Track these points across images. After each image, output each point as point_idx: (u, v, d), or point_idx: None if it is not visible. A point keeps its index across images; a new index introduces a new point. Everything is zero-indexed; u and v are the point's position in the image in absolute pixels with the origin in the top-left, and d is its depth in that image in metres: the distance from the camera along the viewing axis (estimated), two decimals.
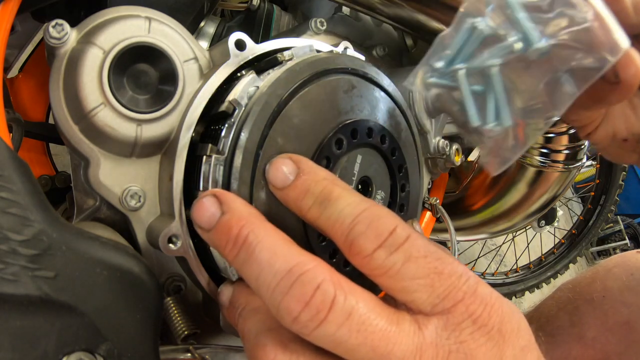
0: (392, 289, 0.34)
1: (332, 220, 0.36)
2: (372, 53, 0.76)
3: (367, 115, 0.56)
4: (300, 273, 0.33)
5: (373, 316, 0.32)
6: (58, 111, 0.46)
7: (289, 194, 0.39)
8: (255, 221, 0.36)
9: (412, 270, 0.33)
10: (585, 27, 0.27)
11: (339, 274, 0.35)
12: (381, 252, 0.34)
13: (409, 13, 0.67)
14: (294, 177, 0.39)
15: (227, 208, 0.37)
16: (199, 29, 0.73)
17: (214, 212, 0.37)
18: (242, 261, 0.35)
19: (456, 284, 0.34)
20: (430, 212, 0.83)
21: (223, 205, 0.37)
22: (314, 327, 0.31)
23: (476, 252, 1.95)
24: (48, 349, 0.34)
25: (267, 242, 0.35)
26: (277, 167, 0.40)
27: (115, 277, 0.38)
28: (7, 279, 0.33)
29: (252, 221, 0.36)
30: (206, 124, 0.51)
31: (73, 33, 0.46)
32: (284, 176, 0.39)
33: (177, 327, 0.45)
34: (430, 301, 0.34)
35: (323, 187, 0.37)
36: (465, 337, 0.33)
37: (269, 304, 0.33)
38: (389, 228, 0.34)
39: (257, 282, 0.34)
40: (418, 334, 0.33)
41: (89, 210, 0.49)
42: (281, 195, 0.40)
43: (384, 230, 0.34)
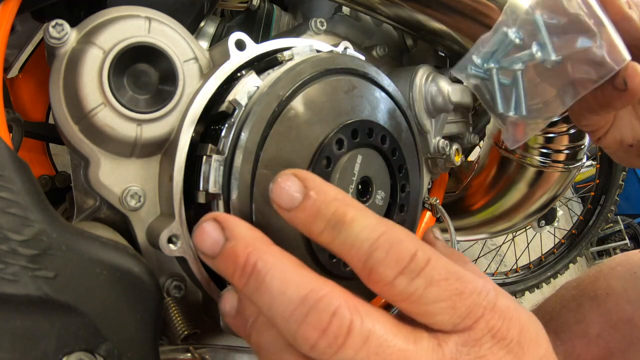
0: (414, 313, 0.34)
1: (348, 245, 0.35)
2: (372, 53, 0.76)
3: (367, 116, 0.56)
4: (315, 300, 0.32)
5: (390, 337, 0.32)
6: (58, 111, 0.46)
7: (298, 216, 0.36)
8: (262, 247, 0.35)
9: (434, 294, 0.33)
10: (593, 46, 0.34)
11: (353, 296, 0.34)
12: (402, 279, 0.33)
13: (409, 13, 0.67)
14: (302, 197, 0.36)
15: (231, 234, 0.35)
16: (199, 29, 0.73)
17: (217, 238, 0.35)
18: (253, 290, 0.34)
19: (477, 301, 0.34)
20: (430, 212, 0.83)
21: (226, 231, 0.35)
22: (332, 353, 0.31)
23: (476, 252, 1.95)
24: (48, 349, 0.34)
25: (277, 270, 0.34)
26: (282, 186, 0.36)
27: (115, 277, 0.38)
28: (7, 279, 0.33)
29: (258, 247, 0.35)
30: (206, 124, 0.51)
31: (73, 33, 0.46)
32: (290, 196, 0.36)
33: (177, 327, 0.45)
34: (452, 321, 0.34)
35: (335, 209, 0.35)
36: (485, 351, 0.33)
37: (285, 332, 0.32)
38: (410, 252, 0.33)
39: (270, 311, 0.33)
40: (437, 351, 0.33)
41: (89, 210, 0.49)
42: (289, 217, 0.37)
43: (405, 255, 0.33)
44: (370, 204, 0.56)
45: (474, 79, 0.38)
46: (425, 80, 0.74)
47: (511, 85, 0.37)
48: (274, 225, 0.49)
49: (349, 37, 0.75)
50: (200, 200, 0.48)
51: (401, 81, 0.74)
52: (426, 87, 0.74)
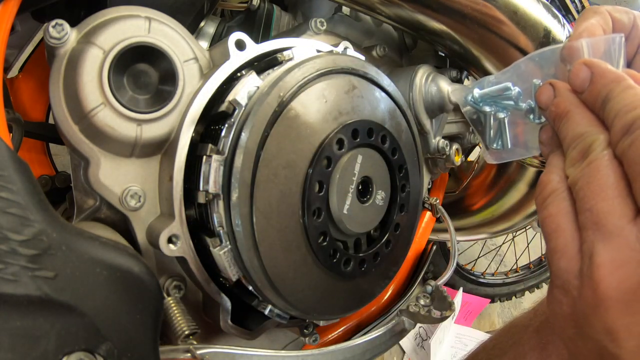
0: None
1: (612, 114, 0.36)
2: (372, 53, 0.76)
3: (367, 116, 0.56)
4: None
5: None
6: (58, 111, 0.46)
7: (586, 97, 0.40)
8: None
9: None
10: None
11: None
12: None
13: (409, 13, 0.67)
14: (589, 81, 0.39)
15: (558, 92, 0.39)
16: (199, 29, 0.73)
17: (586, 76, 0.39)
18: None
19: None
20: (430, 212, 0.83)
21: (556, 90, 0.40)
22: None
23: (476, 252, 1.95)
24: (48, 349, 0.34)
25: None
26: (576, 74, 0.40)
27: (115, 277, 0.38)
28: (7, 279, 0.33)
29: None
30: (206, 124, 0.51)
31: (73, 33, 0.46)
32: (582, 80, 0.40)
33: (177, 327, 0.45)
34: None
35: (609, 90, 0.37)
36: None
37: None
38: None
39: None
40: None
41: (89, 210, 0.49)
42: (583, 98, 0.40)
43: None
44: (370, 204, 0.56)
45: (469, 108, 0.44)
46: (425, 80, 0.74)
47: (500, 123, 0.42)
48: (274, 225, 0.49)
49: (349, 37, 0.75)
50: (200, 200, 0.48)
51: (401, 81, 0.74)
52: (426, 87, 0.74)
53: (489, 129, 0.43)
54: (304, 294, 0.53)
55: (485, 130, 0.43)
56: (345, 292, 0.58)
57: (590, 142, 0.36)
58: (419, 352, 1.65)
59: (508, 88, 0.41)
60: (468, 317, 1.84)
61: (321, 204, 0.51)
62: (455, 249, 0.78)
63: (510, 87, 0.41)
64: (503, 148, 0.44)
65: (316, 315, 0.58)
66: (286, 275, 0.51)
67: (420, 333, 1.68)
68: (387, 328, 0.64)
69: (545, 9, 0.71)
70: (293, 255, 0.50)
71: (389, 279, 0.64)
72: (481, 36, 0.69)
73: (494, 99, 0.43)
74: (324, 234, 0.52)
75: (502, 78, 0.42)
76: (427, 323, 0.71)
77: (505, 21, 0.67)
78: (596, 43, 0.40)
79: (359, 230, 0.56)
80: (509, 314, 2.02)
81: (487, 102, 0.43)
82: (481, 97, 0.43)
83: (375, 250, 0.59)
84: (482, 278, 1.85)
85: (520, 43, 0.70)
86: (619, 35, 0.40)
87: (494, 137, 0.42)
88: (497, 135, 0.43)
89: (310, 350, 0.55)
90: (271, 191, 0.48)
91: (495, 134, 0.43)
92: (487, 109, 0.42)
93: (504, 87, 0.41)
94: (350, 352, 0.58)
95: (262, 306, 0.57)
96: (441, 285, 0.67)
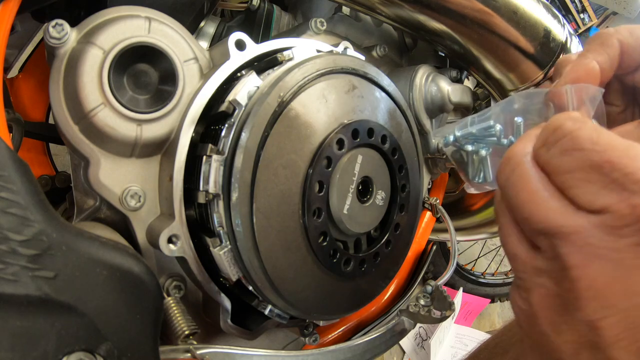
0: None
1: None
2: (372, 53, 0.76)
3: (368, 116, 0.56)
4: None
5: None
6: (58, 111, 0.46)
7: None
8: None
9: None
10: None
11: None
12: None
13: (409, 13, 0.67)
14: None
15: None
16: (199, 29, 0.73)
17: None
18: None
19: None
20: (430, 212, 0.83)
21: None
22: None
23: (476, 252, 1.95)
24: (48, 349, 0.34)
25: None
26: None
27: (115, 277, 0.38)
28: (7, 279, 0.33)
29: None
30: (206, 124, 0.51)
31: (73, 33, 0.46)
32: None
33: (177, 327, 0.45)
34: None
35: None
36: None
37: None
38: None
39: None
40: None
41: (89, 210, 0.49)
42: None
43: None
44: (370, 204, 0.56)
45: (450, 147, 0.47)
46: (425, 80, 0.74)
47: (481, 159, 0.44)
48: (274, 225, 0.49)
49: (349, 37, 0.75)
50: (200, 200, 0.48)
51: (401, 81, 0.74)
52: (426, 87, 0.74)
53: (471, 165, 0.44)
54: (304, 294, 0.53)
55: (468, 166, 0.44)
56: (345, 292, 0.58)
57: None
58: (419, 352, 1.65)
59: (490, 127, 0.42)
60: (468, 317, 1.84)
61: (321, 204, 0.51)
62: (455, 249, 0.78)
63: (492, 126, 0.42)
64: (485, 181, 0.45)
65: (316, 315, 0.58)
66: (286, 275, 0.51)
67: (420, 333, 1.68)
68: (387, 328, 0.64)
69: (545, 9, 0.71)
70: (293, 255, 0.50)
71: (389, 279, 0.64)
72: (481, 36, 0.69)
73: (475, 137, 0.44)
74: (324, 234, 0.52)
75: (482, 118, 0.43)
76: (427, 323, 0.71)
77: (505, 21, 0.67)
78: (579, 90, 0.40)
79: (359, 230, 0.56)
80: (509, 314, 2.01)
81: (469, 141, 0.44)
82: (463, 136, 0.44)
83: (375, 250, 0.59)
84: (482, 278, 1.85)
85: (520, 43, 0.70)
86: (599, 90, 0.40)
87: (476, 172, 0.44)
88: (480, 169, 0.44)
89: (310, 350, 0.55)
90: (271, 191, 0.48)
91: (476, 169, 0.44)
92: (469, 147, 0.43)
93: (486, 125, 0.42)
94: (350, 352, 0.58)
95: (262, 306, 0.57)
96: (441, 285, 0.67)
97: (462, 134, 0.44)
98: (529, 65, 0.72)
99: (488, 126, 0.42)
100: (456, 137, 0.45)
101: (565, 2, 2.96)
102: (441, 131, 0.46)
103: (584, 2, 3.00)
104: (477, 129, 0.43)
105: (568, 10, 2.98)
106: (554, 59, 0.72)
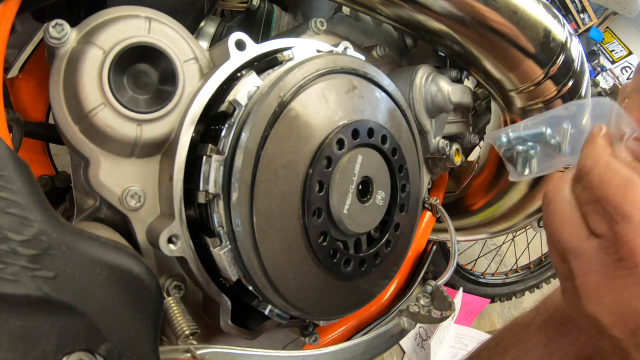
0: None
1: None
2: (372, 53, 0.76)
3: (368, 116, 0.56)
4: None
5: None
6: (58, 111, 0.46)
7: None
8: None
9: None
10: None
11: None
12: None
13: (409, 13, 0.67)
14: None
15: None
16: (199, 29, 0.73)
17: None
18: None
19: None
20: (430, 212, 0.83)
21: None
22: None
23: (476, 252, 1.95)
24: (48, 349, 0.34)
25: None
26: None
27: (115, 277, 0.38)
28: (7, 279, 0.33)
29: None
30: (206, 124, 0.51)
31: (73, 33, 0.46)
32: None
33: (177, 327, 0.45)
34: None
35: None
36: None
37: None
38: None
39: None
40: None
41: (89, 210, 0.49)
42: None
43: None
44: (370, 204, 0.56)
45: (504, 146, 0.53)
46: (425, 80, 0.74)
47: (529, 156, 0.51)
48: (274, 225, 0.49)
49: (349, 37, 0.74)
50: (200, 200, 0.48)
51: (401, 81, 0.74)
52: (426, 87, 0.74)
53: (520, 162, 0.51)
54: (304, 294, 0.53)
55: (517, 162, 0.51)
56: (346, 292, 0.58)
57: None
58: (419, 352, 1.64)
59: (542, 133, 0.49)
60: (468, 317, 1.84)
61: (321, 204, 0.51)
62: (455, 249, 0.78)
63: (543, 132, 0.49)
64: (530, 173, 0.52)
65: (316, 315, 0.58)
66: (286, 275, 0.51)
67: (420, 333, 1.68)
68: (387, 328, 0.64)
69: (545, 9, 0.71)
70: (293, 255, 0.50)
71: (389, 279, 0.64)
72: (481, 36, 0.69)
73: (526, 139, 0.50)
74: (324, 234, 0.52)
75: (535, 122, 0.50)
76: (427, 323, 0.71)
77: (505, 21, 0.67)
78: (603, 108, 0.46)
79: (359, 230, 0.56)
80: (509, 314, 2.01)
81: (520, 142, 0.51)
82: (515, 138, 0.51)
83: (375, 250, 0.59)
84: (482, 278, 1.85)
85: (520, 43, 0.70)
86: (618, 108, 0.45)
87: (522, 166, 0.50)
88: (526, 164, 0.50)
89: (310, 350, 0.55)
90: (271, 191, 0.48)
91: (524, 164, 0.51)
92: (520, 147, 0.50)
93: (539, 132, 0.49)
94: (350, 352, 0.58)
95: (262, 306, 0.57)
96: (441, 285, 0.67)
97: (515, 136, 0.50)
98: (530, 65, 0.72)
99: (540, 132, 0.48)
100: (509, 138, 0.51)
101: (565, 2, 2.96)
102: (495, 133, 0.52)
103: (584, 2, 3.00)
104: (530, 133, 0.49)
105: (568, 10, 2.98)
106: (554, 59, 0.72)
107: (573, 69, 0.74)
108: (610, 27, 3.40)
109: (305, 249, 0.51)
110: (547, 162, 0.50)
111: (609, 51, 3.44)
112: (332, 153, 0.51)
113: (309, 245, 0.51)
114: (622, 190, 0.36)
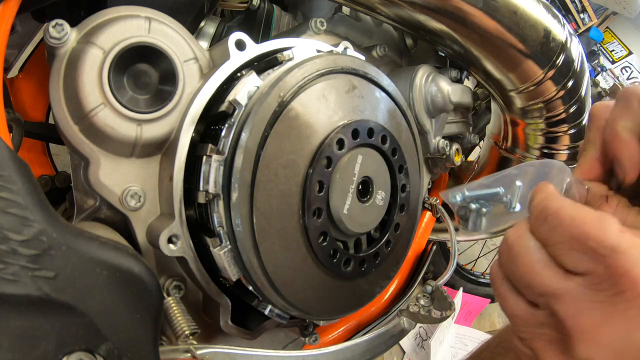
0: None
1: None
2: (372, 53, 0.76)
3: (368, 116, 0.56)
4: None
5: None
6: (58, 111, 0.46)
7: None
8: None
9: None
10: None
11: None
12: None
13: (409, 13, 0.67)
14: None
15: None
16: (199, 29, 0.73)
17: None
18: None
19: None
20: (430, 212, 0.83)
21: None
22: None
23: (476, 252, 1.95)
24: (48, 349, 0.34)
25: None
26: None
27: (115, 277, 0.38)
28: (7, 279, 0.33)
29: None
30: (206, 124, 0.51)
31: (73, 33, 0.46)
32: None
33: (177, 327, 0.45)
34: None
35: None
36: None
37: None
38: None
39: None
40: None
41: (89, 210, 0.49)
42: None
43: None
44: (370, 204, 0.56)
45: (458, 204, 0.55)
46: (425, 80, 0.74)
47: (480, 214, 0.53)
48: (274, 225, 0.49)
49: (349, 37, 0.74)
50: (200, 200, 0.48)
51: (401, 81, 0.74)
52: (426, 87, 0.74)
53: (472, 219, 0.53)
54: (304, 294, 0.53)
55: (469, 220, 0.53)
56: (345, 292, 0.58)
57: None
58: (419, 352, 1.64)
59: (497, 193, 0.51)
60: (468, 317, 1.84)
61: (321, 204, 0.51)
62: (455, 249, 0.78)
63: (499, 193, 0.51)
64: (480, 231, 0.54)
65: (316, 315, 0.58)
66: (286, 275, 0.51)
67: (420, 333, 1.68)
68: (387, 328, 0.64)
69: (545, 9, 0.71)
70: (293, 255, 0.51)
71: (389, 279, 0.64)
72: (481, 36, 0.69)
73: (481, 198, 0.53)
74: (324, 234, 0.52)
75: (490, 181, 0.52)
76: (427, 323, 0.71)
77: (505, 21, 0.67)
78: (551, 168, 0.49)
79: (359, 230, 0.56)
80: None
81: (473, 201, 0.53)
82: (470, 197, 0.53)
83: (375, 250, 0.59)
84: (482, 278, 1.85)
85: (520, 43, 0.70)
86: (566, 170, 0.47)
87: (474, 224, 0.53)
88: (478, 222, 0.53)
89: (310, 350, 0.55)
90: (271, 191, 0.48)
91: (475, 222, 0.53)
92: (473, 206, 0.52)
93: (495, 192, 0.51)
94: (350, 352, 0.58)
95: (262, 306, 0.57)
96: (441, 285, 0.67)
97: (470, 195, 0.53)
98: (529, 65, 0.72)
99: (495, 192, 0.51)
100: (464, 197, 0.53)
101: (565, 2, 2.96)
102: (451, 191, 0.54)
103: (584, 2, 3.00)
104: (485, 193, 0.52)
105: (568, 10, 2.98)
106: (554, 59, 0.72)
107: (573, 69, 0.74)
108: (610, 27, 3.40)
109: (305, 249, 0.51)
110: (498, 219, 0.53)
111: (609, 51, 3.44)
112: (332, 153, 0.51)
113: (309, 245, 0.51)
114: (599, 226, 0.36)
